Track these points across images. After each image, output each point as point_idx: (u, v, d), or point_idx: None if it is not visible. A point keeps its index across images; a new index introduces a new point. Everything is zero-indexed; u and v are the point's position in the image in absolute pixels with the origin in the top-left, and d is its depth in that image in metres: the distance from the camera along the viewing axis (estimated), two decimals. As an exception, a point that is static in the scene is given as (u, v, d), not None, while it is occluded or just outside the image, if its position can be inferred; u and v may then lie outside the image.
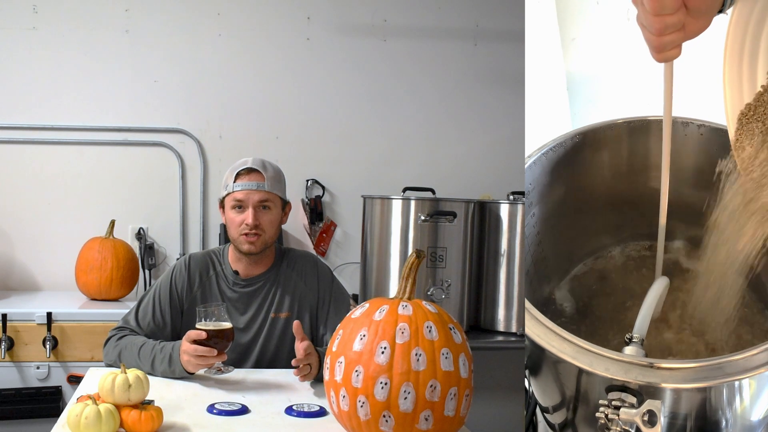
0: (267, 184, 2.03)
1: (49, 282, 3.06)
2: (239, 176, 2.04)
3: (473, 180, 3.30)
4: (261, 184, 2.03)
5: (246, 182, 2.02)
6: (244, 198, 2.02)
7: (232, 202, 2.04)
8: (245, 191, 2.02)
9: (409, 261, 1.48)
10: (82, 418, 1.39)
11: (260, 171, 2.03)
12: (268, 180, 2.04)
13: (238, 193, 2.03)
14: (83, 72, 3.07)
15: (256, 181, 2.03)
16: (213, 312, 1.85)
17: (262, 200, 2.03)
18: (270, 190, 2.04)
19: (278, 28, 3.21)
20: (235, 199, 2.03)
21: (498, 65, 3.34)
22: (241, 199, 2.02)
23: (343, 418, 1.42)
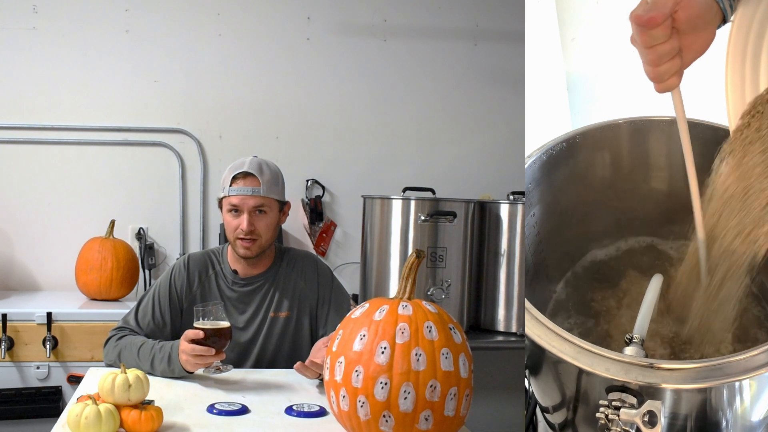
0: (263, 189, 2.02)
1: (49, 282, 3.06)
2: (235, 180, 2.02)
3: (473, 180, 3.30)
4: (256, 189, 2.01)
5: (241, 187, 2.01)
6: (239, 203, 2.01)
7: (228, 206, 2.03)
8: (240, 197, 2.01)
9: (409, 261, 1.48)
10: (82, 418, 1.39)
11: (256, 175, 2.01)
12: (264, 184, 2.02)
13: (233, 198, 2.02)
14: (83, 72, 3.07)
15: (252, 186, 2.01)
16: (211, 311, 1.85)
17: (257, 206, 2.02)
18: (266, 195, 2.02)
19: (278, 28, 3.21)
20: (230, 204, 2.02)
21: (498, 65, 3.34)
22: (237, 204, 2.01)
23: (343, 418, 1.42)
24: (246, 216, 2.00)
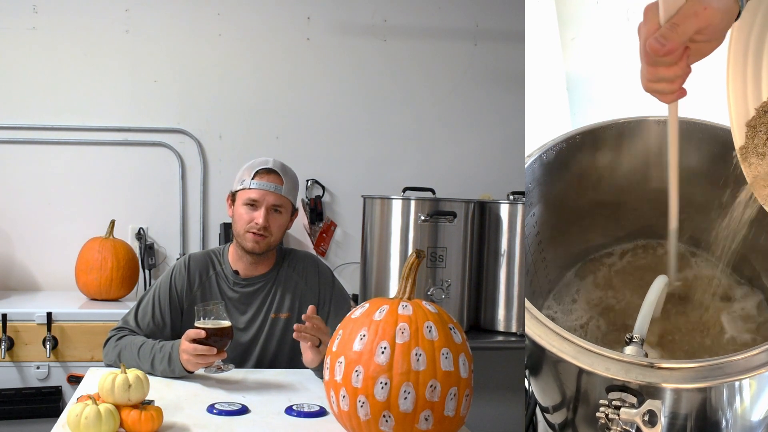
0: (284, 189, 2.04)
1: (49, 282, 3.06)
2: (258, 174, 2.03)
3: (473, 180, 3.30)
4: (279, 187, 2.03)
5: (264, 182, 2.02)
6: (258, 198, 2.02)
7: (245, 199, 2.03)
8: (261, 191, 2.02)
9: (409, 261, 1.48)
10: (82, 418, 1.39)
11: (280, 174, 2.04)
12: (286, 185, 2.04)
13: (253, 192, 2.02)
14: (83, 72, 3.07)
15: (275, 183, 2.03)
16: (212, 310, 1.85)
17: (276, 204, 2.03)
18: (286, 195, 2.04)
19: (278, 28, 3.21)
20: (249, 197, 2.03)
21: (498, 65, 3.34)
22: (256, 198, 2.02)
23: (343, 418, 1.42)
24: (263, 211, 2.01)
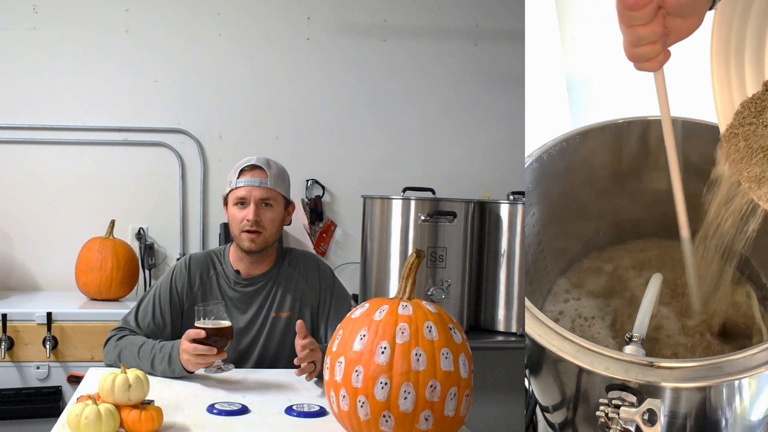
0: (270, 182, 2.04)
1: (49, 282, 3.06)
2: (242, 173, 2.04)
3: (473, 180, 3.30)
4: (264, 181, 2.03)
5: (249, 178, 2.03)
6: (246, 195, 2.03)
7: (235, 199, 2.04)
8: (247, 187, 2.03)
9: (409, 261, 1.48)
10: (82, 418, 1.39)
11: (263, 168, 2.04)
12: (271, 177, 2.04)
13: (240, 190, 2.03)
14: (83, 72, 3.07)
15: (259, 178, 2.03)
16: (212, 310, 1.85)
17: (264, 197, 2.03)
18: (272, 188, 2.04)
19: (278, 28, 3.21)
20: (237, 196, 2.04)
21: (498, 65, 3.34)
22: (243, 196, 2.03)
23: (343, 418, 1.42)
24: (252, 207, 2.02)
